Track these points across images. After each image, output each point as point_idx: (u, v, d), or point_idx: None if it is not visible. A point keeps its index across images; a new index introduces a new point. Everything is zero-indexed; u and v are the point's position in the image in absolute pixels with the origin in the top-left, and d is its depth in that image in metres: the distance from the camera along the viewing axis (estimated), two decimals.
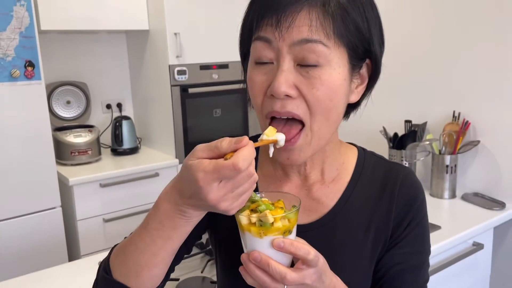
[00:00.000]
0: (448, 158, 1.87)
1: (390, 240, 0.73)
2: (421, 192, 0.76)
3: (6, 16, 2.01)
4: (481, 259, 1.73)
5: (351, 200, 0.74)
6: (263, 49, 0.63)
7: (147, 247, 0.61)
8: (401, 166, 0.77)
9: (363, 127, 1.82)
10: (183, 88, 2.61)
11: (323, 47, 0.61)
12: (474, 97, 1.85)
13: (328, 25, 0.60)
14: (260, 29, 0.63)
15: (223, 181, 0.54)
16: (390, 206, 0.73)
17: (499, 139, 1.80)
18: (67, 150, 2.51)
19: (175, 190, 0.59)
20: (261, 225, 0.59)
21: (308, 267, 0.60)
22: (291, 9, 0.60)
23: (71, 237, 2.43)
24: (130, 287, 0.63)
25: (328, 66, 0.62)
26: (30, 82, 2.10)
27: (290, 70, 0.61)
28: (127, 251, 0.63)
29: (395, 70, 2.13)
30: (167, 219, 0.59)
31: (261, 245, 0.59)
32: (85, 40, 2.84)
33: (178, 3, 2.53)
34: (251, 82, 0.66)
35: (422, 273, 0.75)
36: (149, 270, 0.62)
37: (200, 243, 1.50)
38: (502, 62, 1.74)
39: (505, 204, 1.77)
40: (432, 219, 1.62)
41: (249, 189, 0.56)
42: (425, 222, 0.76)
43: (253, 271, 0.59)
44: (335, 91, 0.63)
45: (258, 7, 0.64)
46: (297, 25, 0.60)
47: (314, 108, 0.62)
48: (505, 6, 1.70)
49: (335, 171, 0.75)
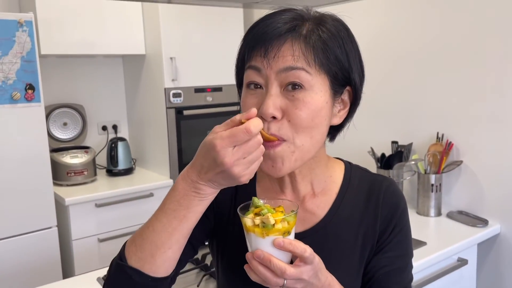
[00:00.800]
0: (433, 177, 1.95)
1: (377, 245, 0.81)
2: (402, 201, 0.84)
3: (8, 41, 2.09)
4: (466, 275, 1.80)
5: (340, 209, 0.82)
6: (254, 76, 0.72)
7: (164, 228, 0.68)
8: (383, 178, 0.85)
9: (353, 148, 1.90)
10: (178, 110, 2.69)
11: (305, 74, 0.69)
12: (457, 119, 1.95)
13: (309, 55, 0.69)
14: (251, 59, 0.72)
15: (237, 147, 0.62)
16: (376, 214, 0.81)
17: (481, 159, 1.89)
18: (64, 170, 2.56)
19: (192, 168, 0.67)
20: (263, 226, 0.67)
21: (305, 264, 0.67)
22: (276, 42, 0.69)
23: (66, 257, 2.46)
24: (145, 271, 0.69)
25: (311, 90, 0.70)
26: (30, 104, 2.17)
27: (277, 95, 0.70)
28: (145, 234, 0.70)
29: (382, 94, 2.23)
30: (183, 198, 0.67)
31: (264, 244, 0.67)
32: (83, 64, 2.93)
33: (174, 29, 2.63)
34: (244, 104, 0.74)
35: (406, 274, 0.84)
36: (164, 252, 0.68)
37: (196, 259, 1.55)
38: (483, 86, 1.84)
39: (488, 221, 1.84)
40: (418, 235, 1.71)
41: (258, 158, 0.64)
42: (407, 228, 0.84)
43: (257, 268, 0.67)
44: (316, 112, 0.71)
45: (249, 40, 0.73)
46: (282, 55, 0.69)
47: (297, 126, 0.70)
48: (485, 32, 1.81)
49: (323, 183, 0.83)
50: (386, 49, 2.20)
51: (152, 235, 0.69)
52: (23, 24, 2.12)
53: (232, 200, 0.84)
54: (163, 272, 0.70)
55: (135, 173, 2.90)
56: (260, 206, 0.70)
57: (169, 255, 0.69)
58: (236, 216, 0.82)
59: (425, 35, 2.03)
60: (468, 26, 1.86)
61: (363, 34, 2.24)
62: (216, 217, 0.85)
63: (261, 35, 0.70)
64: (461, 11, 1.88)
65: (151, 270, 0.69)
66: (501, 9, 1.74)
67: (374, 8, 2.21)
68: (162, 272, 0.70)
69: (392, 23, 2.16)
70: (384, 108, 2.24)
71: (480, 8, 1.81)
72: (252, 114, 0.64)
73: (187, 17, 2.66)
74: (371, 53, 2.24)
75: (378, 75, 2.23)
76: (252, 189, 0.85)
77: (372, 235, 0.81)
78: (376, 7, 2.21)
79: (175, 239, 0.68)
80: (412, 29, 2.08)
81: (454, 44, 1.92)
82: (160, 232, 0.68)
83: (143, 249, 0.69)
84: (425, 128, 2.07)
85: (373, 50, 2.23)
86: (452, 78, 1.94)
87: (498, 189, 1.84)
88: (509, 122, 1.77)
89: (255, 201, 0.71)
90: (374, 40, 2.23)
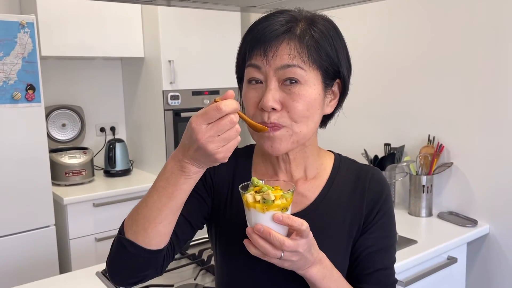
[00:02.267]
0: (424, 178, 2.00)
1: (363, 226, 0.88)
2: (386, 187, 0.91)
3: (10, 42, 2.13)
4: (455, 272, 1.85)
5: (330, 193, 0.89)
6: (255, 73, 0.80)
7: (154, 204, 0.74)
8: (370, 167, 0.93)
9: (347, 150, 1.94)
10: (176, 112, 2.74)
11: (300, 70, 0.77)
12: (448, 122, 2.01)
13: (303, 53, 0.77)
14: (251, 58, 0.80)
15: (210, 124, 0.67)
16: (362, 198, 0.88)
17: (471, 161, 1.94)
18: (62, 170, 2.59)
19: (179, 148, 0.72)
20: (264, 202, 0.73)
21: (301, 238, 0.73)
22: (274, 42, 0.77)
23: (64, 255, 2.48)
24: (139, 243, 0.75)
25: (306, 84, 0.78)
26: (30, 104, 2.21)
27: (276, 89, 0.78)
28: (139, 209, 0.76)
29: (375, 99, 2.29)
30: (171, 176, 0.72)
31: (264, 219, 0.73)
32: (82, 66, 2.97)
33: (173, 32, 2.68)
34: (245, 98, 0.82)
35: (390, 255, 0.90)
36: (155, 226, 0.74)
37: (193, 254, 1.59)
38: (472, 91, 1.90)
39: (477, 222, 1.90)
40: (409, 234, 1.76)
41: (234, 138, 0.68)
42: (391, 212, 0.91)
43: (257, 240, 0.72)
44: (311, 104, 0.79)
45: (249, 40, 0.81)
46: (280, 54, 0.77)
47: (295, 117, 0.78)
48: (475, 38, 1.88)
49: (315, 170, 0.91)
50: (380, 54, 2.26)
51: (145, 210, 0.75)
52: (25, 26, 2.17)
53: (230, 185, 0.90)
54: (156, 245, 0.76)
55: (133, 174, 2.93)
56: (260, 185, 0.76)
57: (159, 229, 0.75)
58: (233, 200, 0.88)
59: (417, 41, 2.09)
60: (459, 33, 1.92)
61: (358, 40, 2.30)
62: (214, 201, 0.91)
63: (260, 37, 0.78)
64: (452, 18, 1.94)
65: (144, 243, 0.75)
66: (491, 16, 1.81)
67: (369, 14, 2.28)
68: (155, 245, 0.76)
69: (385, 29, 2.22)
70: (377, 111, 2.30)
71: (471, 15, 1.87)
72: (227, 95, 0.68)
73: (185, 21, 2.71)
74: (364, 58, 2.30)
75: (372, 80, 2.29)
76: (248, 174, 0.91)
77: (358, 217, 0.87)
78: (371, 14, 2.27)
79: (164, 214, 0.74)
80: (405, 35, 2.14)
81: (445, 50, 1.98)
82: (151, 208, 0.74)
83: (137, 223, 0.75)
84: (416, 131, 2.13)
85: (367, 55, 2.29)
86: (443, 83, 2.00)
87: (487, 191, 1.89)
88: (498, 126, 1.83)
89: (254, 181, 0.77)
90: (368, 45, 2.29)
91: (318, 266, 0.78)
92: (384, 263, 0.88)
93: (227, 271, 0.90)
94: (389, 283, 0.89)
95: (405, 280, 1.59)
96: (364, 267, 0.87)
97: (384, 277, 0.89)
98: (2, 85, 2.12)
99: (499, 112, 1.82)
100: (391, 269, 0.90)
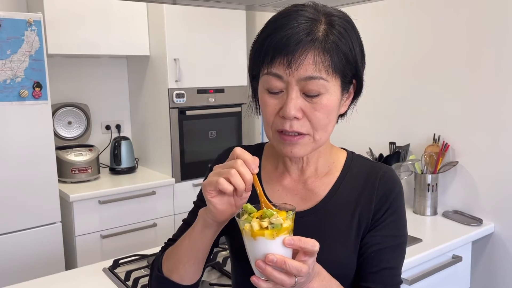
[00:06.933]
0: (430, 177, 2.00)
1: (371, 223, 0.87)
2: (397, 186, 0.89)
3: (18, 40, 2.15)
4: (460, 271, 1.85)
5: (340, 191, 0.88)
6: (276, 82, 0.77)
7: (183, 247, 0.83)
8: (382, 165, 0.92)
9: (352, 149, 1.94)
10: (181, 110, 2.75)
11: (323, 81, 0.76)
12: (453, 121, 2.01)
13: (327, 62, 0.75)
14: (273, 66, 0.76)
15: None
16: (371, 196, 0.87)
17: (476, 160, 1.94)
18: (68, 168, 2.61)
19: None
20: (273, 227, 0.66)
21: (310, 257, 0.68)
22: (299, 52, 0.74)
23: (69, 252, 2.50)
24: (174, 280, 0.84)
25: (327, 93, 0.77)
26: (37, 101, 2.22)
27: (298, 97, 0.76)
28: (173, 250, 0.86)
29: (380, 97, 2.29)
30: (198, 226, 0.81)
31: (273, 246, 0.66)
32: (88, 64, 2.99)
33: (178, 30, 2.69)
34: (264, 104, 0.80)
35: (397, 254, 0.89)
36: (184, 264, 0.83)
37: None
38: (478, 90, 1.90)
39: (482, 221, 1.90)
40: (414, 233, 1.76)
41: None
42: (401, 211, 0.89)
43: (272, 273, 0.66)
44: (331, 111, 0.79)
45: (272, 46, 0.76)
46: (304, 64, 0.74)
47: (316, 125, 0.78)
48: (481, 37, 1.87)
49: (327, 167, 0.91)
50: (385, 53, 2.26)
51: (175, 250, 0.85)
52: (32, 24, 2.18)
53: None
54: (188, 280, 0.84)
55: (138, 172, 2.95)
56: (256, 211, 0.70)
57: (188, 267, 0.83)
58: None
59: (423, 40, 2.09)
60: (465, 31, 1.92)
61: (363, 37, 2.30)
62: None
63: (283, 46, 0.74)
64: (459, 16, 1.94)
65: (177, 279, 0.84)
66: (498, 15, 1.81)
67: (376, 13, 2.27)
68: (188, 280, 0.84)
69: (391, 27, 2.22)
70: (382, 110, 2.30)
71: (478, 13, 1.87)
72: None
73: (191, 19, 2.72)
74: (370, 56, 2.30)
75: (377, 79, 2.29)
76: (258, 175, 0.89)
77: (367, 214, 0.86)
78: (379, 13, 2.27)
79: (188, 255, 0.83)
80: (411, 34, 2.14)
81: (451, 49, 1.98)
82: (179, 249, 0.84)
83: (170, 262, 0.86)
84: (422, 130, 2.13)
85: (372, 54, 2.29)
86: (449, 82, 2.00)
87: (492, 190, 1.89)
88: (503, 125, 1.83)
89: (248, 207, 0.71)
90: (373, 43, 2.29)
91: (317, 279, 0.75)
92: (390, 263, 0.87)
93: (241, 272, 0.91)
94: (394, 283, 0.88)
95: (410, 278, 1.59)
96: (369, 265, 0.86)
97: (389, 276, 0.87)
98: (9, 82, 2.14)
99: (505, 111, 1.82)
100: (396, 269, 0.89)
